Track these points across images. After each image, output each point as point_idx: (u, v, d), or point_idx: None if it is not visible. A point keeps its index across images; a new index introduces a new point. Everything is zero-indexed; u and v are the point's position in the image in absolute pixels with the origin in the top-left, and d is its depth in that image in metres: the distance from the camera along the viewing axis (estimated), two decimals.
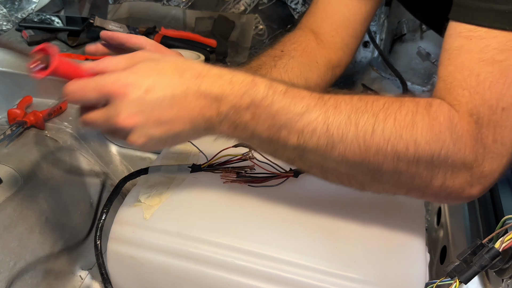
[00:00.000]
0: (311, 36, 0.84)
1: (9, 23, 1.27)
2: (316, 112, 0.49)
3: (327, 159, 0.50)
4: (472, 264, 0.47)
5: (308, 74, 0.81)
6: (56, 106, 0.63)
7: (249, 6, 1.31)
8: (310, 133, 0.49)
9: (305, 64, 0.81)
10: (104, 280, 0.63)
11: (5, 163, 0.72)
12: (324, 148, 0.50)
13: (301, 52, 0.82)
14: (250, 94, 0.50)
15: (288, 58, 0.81)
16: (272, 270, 0.55)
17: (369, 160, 0.49)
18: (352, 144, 0.49)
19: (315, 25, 0.84)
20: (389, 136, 0.48)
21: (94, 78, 0.51)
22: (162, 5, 1.36)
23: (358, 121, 0.49)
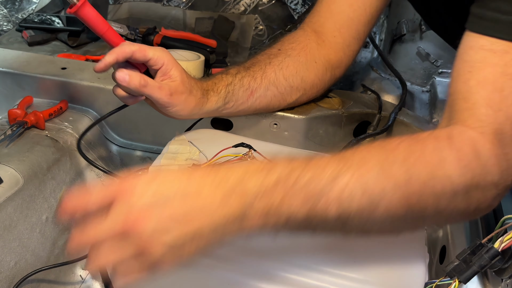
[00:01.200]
0: (312, 36, 0.84)
1: (10, 23, 1.27)
2: (347, 175, 0.46)
3: (372, 220, 0.48)
4: (472, 264, 0.47)
5: (305, 73, 0.81)
6: None
7: (249, 7, 1.32)
8: (349, 198, 0.46)
9: (302, 63, 0.81)
10: (104, 280, 0.63)
11: (5, 163, 0.72)
12: (368, 210, 0.47)
13: (298, 51, 0.82)
14: (274, 172, 0.46)
15: (284, 56, 0.80)
16: (272, 270, 0.55)
17: (413, 209, 0.48)
18: (394, 196, 0.47)
19: (318, 24, 0.84)
20: (424, 179, 0.47)
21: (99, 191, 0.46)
22: (162, 6, 1.36)
23: (392, 173, 0.47)
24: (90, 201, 0.46)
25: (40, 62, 0.94)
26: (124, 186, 0.45)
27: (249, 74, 0.78)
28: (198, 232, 0.44)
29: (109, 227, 0.44)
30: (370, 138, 0.86)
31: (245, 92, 0.76)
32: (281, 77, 0.79)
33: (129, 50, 0.61)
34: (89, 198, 0.46)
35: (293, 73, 0.80)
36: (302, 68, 0.81)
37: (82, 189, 0.46)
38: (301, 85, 0.82)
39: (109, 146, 0.94)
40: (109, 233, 0.44)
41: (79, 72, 0.91)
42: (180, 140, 0.74)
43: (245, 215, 0.45)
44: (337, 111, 0.87)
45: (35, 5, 1.31)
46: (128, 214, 0.43)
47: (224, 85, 0.75)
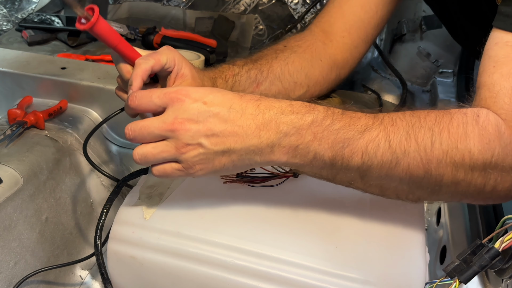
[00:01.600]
0: (320, 35, 0.84)
1: (9, 23, 1.27)
2: (376, 130, 0.50)
3: (391, 176, 0.51)
4: (472, 264, 0.47)
5: (310, 70, 0.82)
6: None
7: (249, 6, 1.32)
8: (374, 151, 0.50)
9: (307, 60, 0.82)
10: (104, 280, 0.63)
11: (5, 163, 0.72)
12: (388, 165, 0.50)
13: (304, 48, 0.82)
14: (311, 114, 0.51)
15: (290, 52, 0.81)
16: (272, 270, 0.55)
17: (431, 173, 0.51)
18: (415, 158, 0.50)
19: (327, 24, 0.84)
20: (446, 148, 0.50)
21: (160, 89, 0.54)
22: (162, 5, 1.36)
23: (417, 136, 0.50)
24: (151, 100, 0.53)
25: (40, 62, 0.94)
26: (181, 92, 0.52)
27: (256, 67, 0.78)
28: (229, 150, 0.51)
29: (159, 123, 0.51)
30: None
31: (251, 84, 0.77)
32: (286, 72, 0.80)
33: (149, 67, 0.61)
34: (151, 97, 0.53)
35: (298, 69, 0.81)
36: (307, 65, 0.82)
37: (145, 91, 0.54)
38: (305, 82, 0.82)
39: (109, 146, 0.94)
40: (157, 128, 0.51)
41: (79, 72, 0.91)
42: None
43: (273, 148, 0.51)
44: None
45: (35, 5, 1.31)
46: (177, 117, 0.50)
47: (231, 75, 0.75)
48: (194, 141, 0.50)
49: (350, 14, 0.83)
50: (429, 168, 0.50)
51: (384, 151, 0.50)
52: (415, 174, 0.51)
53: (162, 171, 0.53)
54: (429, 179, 0.51)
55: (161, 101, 0.52)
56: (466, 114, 0.52)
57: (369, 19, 0.83)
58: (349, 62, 0.86)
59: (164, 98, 0.52)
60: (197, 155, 0.51)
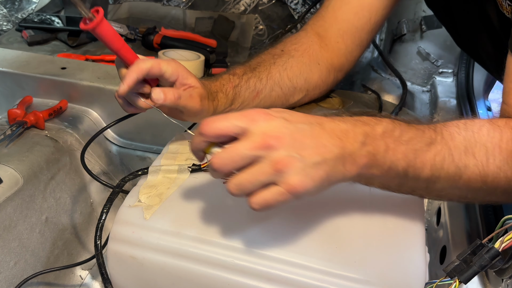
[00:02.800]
0: (315, 39, 0.84)
1: (9, 23, 1.27)
2: (440, 144, 0.53)
3: (453, 187, 0.55)
4: (472, 264, 0.47)
5: (309, 75, 0.82)
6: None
7: (249, 6, 1.32)
8: (440, 163, 0.53)
9: (305, 64, 0.82)
10: (104, 280, 0.63)
11: (5, 163, 0.72)
12: (453, 178, 0.54)
13: (302, 52, 0.82)
14: (381, 125, 0.52)
15: (287, 57, 0.81)
16: (272, 270, 0.55)
17: (487, 184, 0.54)
18: (474, 172, 0.54)
19: (322, 29, 0.84)
20: (500, 164, 0.54)
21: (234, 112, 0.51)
22: (162, 5, 1.36)
23: (474, 152, 0.54)
24: (230, 121, 0.49)
25: (40, 62, 0.94)
26: (261, 111, 0.50)
27: (255, 75, 0.78)
28: (322, 161, 0.49)
29: (249, 144, 0.48)
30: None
31: (251, 94, 0.77)
32: (285, 78, 0.80)
33: (146, 67, 0.60)
34: (230, 119, 0.49)
35: (297, 74, 0.81)
36: (305, 70, 0.82)
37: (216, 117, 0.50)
38: (304, 86, 0.82)
39: (109, 146, 0.94)
40: (248, 148, 0.48)
41: (79, 72, 0.91)
42: (180, 140, 0.74)
43: (355, 158, 0.50)
44: (338, 111, 0.87)
45: (35, 5, 1.31)
46: (265, 134, 0.48)
47: (232, 87, 0.75)
48: (288, 154, 0.47)
49: (343, 21, 0.83)
50: (486, 181, 0.54)
51: (449, 164, 0.53)
52: (473, 185, 0.54)
53: (263, 201, 0.49)
54: (485, 189, 0.55)
55: (242, 121, 0.49)
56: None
57: (362, 26, 0.83)
58: (345, 65, 0.86)
59: (244, 118, 0.49)
60: (295, 169, 0.47)
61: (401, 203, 0.64)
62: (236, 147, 0.48)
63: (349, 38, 0.84)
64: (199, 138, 0.51)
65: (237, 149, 0.48)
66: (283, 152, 0.47)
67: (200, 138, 0.51)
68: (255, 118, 0.49)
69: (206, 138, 0.51)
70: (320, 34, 0.84)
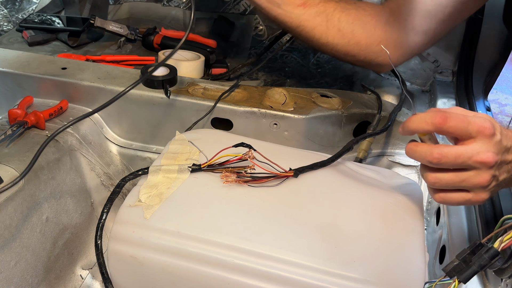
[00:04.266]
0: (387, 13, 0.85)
1: (10, 23, 1.27)
2: None
3: None
4: (471, 263, 0.47)
5: (358, 30, 0.83)
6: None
7: (249, 7, 1.32)
8: None
9: (362, 21, 0.83)
10: (104, 279, 0.63)
11: (5, 163, 0.72)
12: None
13: (369, 13, 0.83)
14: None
15: (353, 7, 0.83)
16: (272, 270, 0.55)
17: None
18: None
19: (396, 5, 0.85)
20: None
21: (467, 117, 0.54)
22: (162, 6, 1.36)
23: None
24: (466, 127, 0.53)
25: (41, 62, 0.94)
26: (491, 126, 0.53)
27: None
28: (505, 175, 0.55)
29: (473, 153, 0.52)
30: (370, 138, 0.86)
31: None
32: (336, 16, 0.80)
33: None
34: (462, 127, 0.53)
35: (350, 21, 0.82)
36: (359, 23, 0.82)
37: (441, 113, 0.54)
38: (348, 35, 0.83)
39: (109, 146, 0.94)
40: (471, 158, 0.52)
41: (79, 72, 0.92)
42: (180, 140, 0.74)
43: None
44: (337, 111, 0.87)
45: (35, 5, 1.32)
46: (489, 151, 0.52)
47: None
48: (494, 174, 0.53)
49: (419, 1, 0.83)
50: None
51: None
52: None
53: (449, 200, 0.55)
54: None
55: (476, 131, 0.53)
56: None
57: (436, 12, 0.83)
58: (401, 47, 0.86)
59: (477, 127, 0.53)
60: (490, 187, 0.54)
61: (400, 203, 0.64)
62: (463, 152, 0.53)
63: (419, 20, 0.83)
64: (427, 126, 0.54)
65: (463, 155, 0.53)
66: (491, 171, 0.53)
67: (429, 126, 0.54)
68: (485, 132, 0.53)
69: (437, 130, 0.54)
70: (393, 10, 0.85)
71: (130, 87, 0.69)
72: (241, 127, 0.86)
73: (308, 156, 0.72)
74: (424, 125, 0.54)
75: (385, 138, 0.92)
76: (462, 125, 0.53)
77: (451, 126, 0.53)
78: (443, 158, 0.53)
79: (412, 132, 0.56)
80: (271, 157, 0.65)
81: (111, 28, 1.17)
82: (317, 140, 0.89)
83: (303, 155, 0.74)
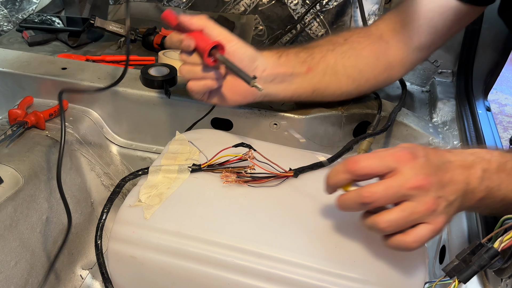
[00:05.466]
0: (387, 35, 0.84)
1: (10, 23, 1.27)
2: None
3: None
4: (471, 263, 0.47)
5: (364, 67, 0.83)
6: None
7: (248, 7, 1.32)
8: None
9: (363, 57, 0.82)
10: (104, 279, 0.63)
11: (5, 163, 0.72)
12: None
13: (365, 46, 0.83)
14: (495, 160, 0.55)
15: (348, 48, 0.82)
16: (272, 270, 0.55)
17: None
18: None
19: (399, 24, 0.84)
20: None
21: (383, 151, 0.53)
22: (162, 6, 1.36)
23: None
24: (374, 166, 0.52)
25: (41, 62, 0.94)
26: (409, 151, 0.52)
27: (306, 51, 0.79)
28: (458, 197, 0.53)
29: (403, 182, 0.50)
30: (370, 138, 0.86)
31: (301, 65, 0.77)
32: (340, 65, 0.80)
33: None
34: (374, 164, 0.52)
35: (353, 64, 0.81)
36: (362, 62, 0.82)
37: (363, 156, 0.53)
38: (358, 77, 0.83)
39: (109, 146, 0.94)
40: (402, 187, 0.50)
41: (79, 72, 0.92)
42: (180, 140, 0.74)
43: (474, 191, 0.54)
44: (337, 111, 0.87)
45: (35, 5, 1.32)
46: (417, 174, 0.50)
47: (277, 50, 0.77)
48: (437, 195, 0.51)
49: (425, 18, 0.83)
50: None
51: None
52: None
53: (421, 238, 0.51)
54: None
55: (392, 161, 0.51)
56: None
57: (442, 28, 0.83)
58: (408, 63, 0.86)
59: (393, 158, 0.51)
60: (441, 209, 0.51)
61: None
62: (391, 184, 0.50)
63: (426, 36, 0.84)
64: (343, 175, 0.53)
65: (392, 186, 0.50)
66: (432, 193, 0.50)
67: (344, 175, 0.53)
68: (403, 159, 0.51)
69: (353, 176, 0.52)
70: (396, 30, 0.84)
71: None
72: (241, 127, 0.86)
73: (308, 156, 0.72)
74: (339, 175, 0.53)
75: (385, 138, 0.92)
76: (375, 161, 0.51)
77: (364, 166, 0.51)
78: (374, 194, 0.50)
79: (333, 186, 0.55)
80: (271, 157, 0.65)
81: (111, 28, 1.17)
82: (317, 140, 0.89)
83: (303, 155, 0.74)
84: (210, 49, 0.62)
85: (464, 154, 0.55)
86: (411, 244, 0.51)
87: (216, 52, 0.63)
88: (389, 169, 0.51)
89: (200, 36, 0.64)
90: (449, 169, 0.53)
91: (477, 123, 0.94)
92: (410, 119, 0.91)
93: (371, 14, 1.22)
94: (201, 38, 0.64)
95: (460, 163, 0.54)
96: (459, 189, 0.53)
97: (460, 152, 0.56)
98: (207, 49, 0.62)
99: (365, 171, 0.51)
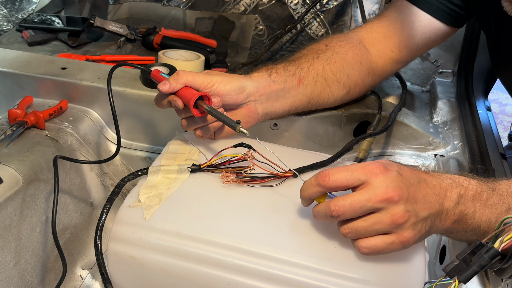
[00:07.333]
0: (368, 42, 0.86)
1: (10, 23, 1.27)
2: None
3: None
4: (472, 264, 0.47)
5: (350, 72, 0.83)
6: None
7: (249, 7, 1.32)
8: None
9: (348, 61, 0.83)
10: (104, 280, 0.63)
11: (5, 163, 0.72)
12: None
13: (346, 49, 0.84)
14: (472, 188, 0.56)
15: (331, 53, 0.82)
16: (272, 270, 0.55)
17: None
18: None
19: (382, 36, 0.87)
20: None
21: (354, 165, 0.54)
22: (162, 6, 1.36)
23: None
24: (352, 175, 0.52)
25: (40, 62, 0.94)
26: (381, 165, 0.52)
27: (293, 64, 0.79)
28: (429, 215, 0.53)
29: (370, 196, 0.51)
30: (370, 138, 0.86)
31: (292, 77, 0.78)
32: (328, 71, 0.81)
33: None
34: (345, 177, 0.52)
35: (340, 69, 0.82)
36: (347, 66, 0.83)
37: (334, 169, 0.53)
38: (347, 82, 0.83)
39: (109, 146, 0.94)
40: (369, 200, 0.51)
41: (79, 72, 0.92)
42: (180, 140, 0.74)
43: (448, 214, 0.55)
44: (337, 111, 0.87)
45: (35, 5, 1.32)
46: (387, 187, 0.51)
47: (266, 68, 0.77)
48: (406, 209, 0.51)
49: (408, 35, 0.86)
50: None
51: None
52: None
53: (373, 247, 0.52)
54: None
55: (363, 174, 0.52)
56: None
57: (424, 42, 0.87)
58: (385, 72, 0.89)
59: (364, 171, 0.52)
60: (409, 223, 0.51)
61: None
62: (358, 198, 0.51)
63: (406, 52, 0.87)
64: (315, 188, 0.54)
65: (359, 200, 0.51)
66: (401, 206, 0.51)
67: (316, 188, 0.54)
68: (374, 172, 0.52)
69: (325, 189, 0.54)
70: (378, 40, 0.86)
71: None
72: None
73: (308, 156, 0.72)
74: (312, 188, 0.54)
75: (385, 138, 0.92)
76: (345, 174, 0.52)
77: (335, 180, 0.52)
78: (341, 207, 0.51)
79: (308, 199, 0.56)
80: (271, 157, 0.65)
81: (111, 28, 1.17)
82: (317, 140, 0.89)
83: (303, 155, 0.74)
84: (193, 104, 0.66)
85: (442, 177, 0.56)
86: (361, 249, 0.53)
87: (202, 103, 0.66)
88: (360, 182, 0.52)
89: (186, 91, 0.67)
90: (424, 188, 0.53)
91: (478, 123, 0.94)
92: (410, 119, 0.91)
93: (371, 14, 1.22)
94: (187, 93, 0.67)
95: (437, 184, 0.55)
96: (432, 208, 0.53)
97: (438, 175, 0.57)
98: (191, 105, 0.66)
99: (335, 184, 0.53)
